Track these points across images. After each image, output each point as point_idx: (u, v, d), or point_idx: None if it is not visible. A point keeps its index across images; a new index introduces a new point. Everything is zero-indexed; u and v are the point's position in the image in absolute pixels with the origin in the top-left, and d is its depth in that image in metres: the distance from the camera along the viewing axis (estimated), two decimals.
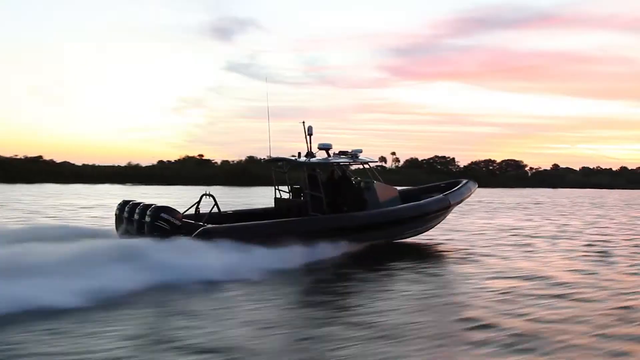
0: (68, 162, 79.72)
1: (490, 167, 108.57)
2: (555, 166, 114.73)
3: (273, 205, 15.23)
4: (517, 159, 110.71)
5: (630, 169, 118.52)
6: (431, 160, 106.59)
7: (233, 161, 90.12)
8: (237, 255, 11.05)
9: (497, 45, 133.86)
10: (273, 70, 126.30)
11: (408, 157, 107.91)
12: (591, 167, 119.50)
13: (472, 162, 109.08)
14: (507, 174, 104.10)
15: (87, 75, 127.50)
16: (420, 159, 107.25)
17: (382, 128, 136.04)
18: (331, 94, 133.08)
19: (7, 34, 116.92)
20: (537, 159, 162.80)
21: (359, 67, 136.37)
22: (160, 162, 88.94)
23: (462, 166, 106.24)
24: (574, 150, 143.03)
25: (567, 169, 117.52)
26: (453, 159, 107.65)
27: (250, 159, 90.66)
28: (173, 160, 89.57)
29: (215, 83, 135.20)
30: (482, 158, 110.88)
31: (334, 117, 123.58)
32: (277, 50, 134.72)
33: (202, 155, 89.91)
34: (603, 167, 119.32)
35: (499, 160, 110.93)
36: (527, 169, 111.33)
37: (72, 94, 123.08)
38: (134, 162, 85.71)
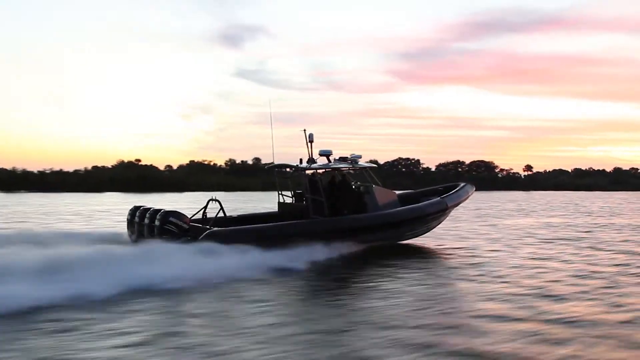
0: None
1: (460, 169, 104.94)
2: (528, 167, 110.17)
3: (277, 210, 15.93)
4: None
5: (624, 169, 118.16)
6: (395, 162, 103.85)
7: (183, 165, 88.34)
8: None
9: (504, 48, 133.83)
10: (281, 75, 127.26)
11: (367, 159, 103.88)
12: (583, 169, 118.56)
13: (439, 163, 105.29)
14: (475, 176, 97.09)
15: (96, 81, 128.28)
16: (382, 161, 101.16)
17: (391, 133, 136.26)
18: (339, 99, 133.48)
19: (23, 40, 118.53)
20: (546, 162, 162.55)
21: (366, 71, 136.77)
22: (95, 167, 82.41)
23: (424, 167, 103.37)
24: (584, 152, 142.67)
25: (560, 170, 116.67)
26: (418, 160, 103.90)
27: (191, 164, 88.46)
28: (110, 166, 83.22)
29: (224, 89, 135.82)
30: (467, 160, 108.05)
31: (342, 122, 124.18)
32: (285, 55, 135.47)
33: (139, 160, 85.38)
34: (595, 168, 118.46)
35: (468, 162, 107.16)
36: (497, 170, 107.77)
37: (80, 100, 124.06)
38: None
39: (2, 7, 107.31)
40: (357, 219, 14.64)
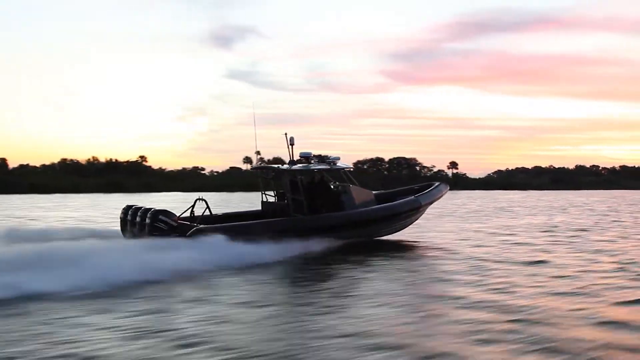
0: None
1: (380, 167, 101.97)
2: (453, 164, 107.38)
3: (260, 208, 17.00)
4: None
5: (587, 167, 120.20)
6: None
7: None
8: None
9: (497, 48, 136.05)
10: (275, 77, 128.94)
11: (270, 157, 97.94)
12: (543, 167, 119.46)
13: (357, 160, 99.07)
14: (394, 175, 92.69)
15: (91, 84, 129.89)
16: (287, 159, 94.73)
17: (385, 133, 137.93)
18: (333, 100, 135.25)
19: (13, 43, 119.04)
20: (540, 160, 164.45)
21: (360, 72, 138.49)
22: None
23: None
24: (577, 152, 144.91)
25: (522, 168, 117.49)
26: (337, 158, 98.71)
27: (62, 163, 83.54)
28: None
29: (219, 91, 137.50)
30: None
31: (336, 122, 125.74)
32: (278, 57, 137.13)
33: (4, 159, 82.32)
34: (556, 167, 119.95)
35: (387, 158, 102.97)
36: (418, 168, 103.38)
37: (76, 102, 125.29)
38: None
39: (4, 10, 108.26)
40: (334, 216, 15.70)
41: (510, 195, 68.59)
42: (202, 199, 15.50)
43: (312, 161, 16.43)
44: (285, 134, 16.14)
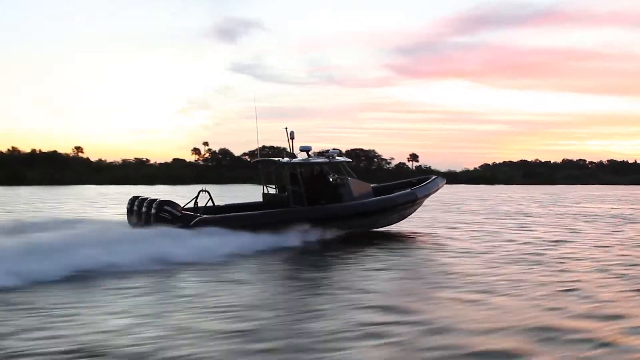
0: None
1: None
2: (414, 156, 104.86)
3: (261, 200, 17.54)
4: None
5: (574, 161, 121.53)
6: (255, 152, 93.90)
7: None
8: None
9: (501, 42, 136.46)
10: (278, 70, 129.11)
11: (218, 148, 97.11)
12: (529, 160, 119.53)
13: (313, 152, 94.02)
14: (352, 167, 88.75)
15: (95, 79, 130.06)
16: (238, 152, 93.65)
17: (388, 127, 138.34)
18: (336, 94, 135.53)
19: (16, 42, 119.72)
20: (544, 155, 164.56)
21: (363, 66, 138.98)
22: None
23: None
24: (582, 146, 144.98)
25: (509, 162, 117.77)
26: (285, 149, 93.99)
27: None
28: None
29: (221, 84, 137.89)
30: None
31: (339, 116, 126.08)
32: (281, 51, 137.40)
33: None
34: (542, 161, 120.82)
35: (344, 149, 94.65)
36: (376, 161, 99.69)
37: (80, 97, 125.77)
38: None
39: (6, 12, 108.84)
40: (332, 208, 16.17)
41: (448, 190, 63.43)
42: (206, 191, 16.03)
43: (312, 154, 16.98)
44: (286, 128, 16.63)
